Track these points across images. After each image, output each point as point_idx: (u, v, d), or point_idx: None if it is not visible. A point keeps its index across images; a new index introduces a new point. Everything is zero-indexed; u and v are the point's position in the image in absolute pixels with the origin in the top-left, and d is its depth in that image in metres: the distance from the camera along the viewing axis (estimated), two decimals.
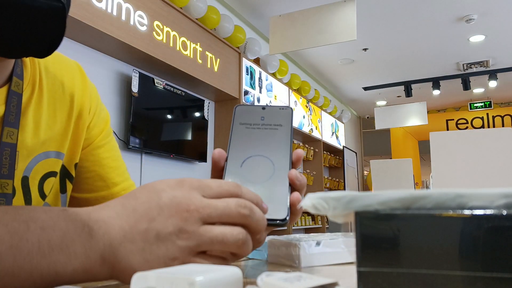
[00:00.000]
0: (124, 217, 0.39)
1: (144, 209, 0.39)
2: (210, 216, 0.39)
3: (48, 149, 0.63)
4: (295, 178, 0.47)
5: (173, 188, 0.40)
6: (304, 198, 0.31)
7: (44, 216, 0.38)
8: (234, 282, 0.30)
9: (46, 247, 0.36)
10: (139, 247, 0.38)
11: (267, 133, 0.52)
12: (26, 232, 0.36)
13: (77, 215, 0.39)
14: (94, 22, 2.62)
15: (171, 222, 0.38)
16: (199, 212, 0.39)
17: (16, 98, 0.58)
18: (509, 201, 0.25)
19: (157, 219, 0.39)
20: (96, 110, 0.72)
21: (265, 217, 0.43)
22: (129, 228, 0.39)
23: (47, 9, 0.47)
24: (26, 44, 0.49)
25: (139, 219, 0.39)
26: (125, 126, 3.16)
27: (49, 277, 0.36)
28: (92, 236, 0.38)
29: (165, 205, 0.39)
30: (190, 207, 0.39)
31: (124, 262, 0.38)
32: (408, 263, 0.26)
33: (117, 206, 0.40)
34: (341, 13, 4.02)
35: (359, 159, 8.77)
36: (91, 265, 0.38)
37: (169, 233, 0.38)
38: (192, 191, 0.40)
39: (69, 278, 0.38)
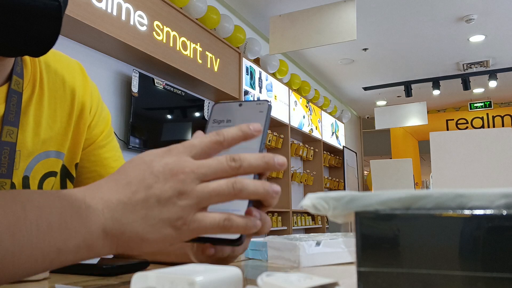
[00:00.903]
0: (120, 191, 0.40)
1: (138, 180, 0.40)
2: (205, 174, 0.40)
3: (48, 148, 0.63)
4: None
5: (162, 156, 0.41)
6: (304, 198, 0.31)
7: (40, 198, 0.38)
8: (234, 282, 0.30)
9: (45, 225, 0.36)
10: (141, 215, 0.39)
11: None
12: (23, 212, 0.36)
13: (72, 195, 0.39)
14: (94, 22, 2.62)
15: (169, 186, 0.39)
16: (194, 172, 0.40)
17: (16, 97, 0.58)
18: (509, 201, 0.25)
19: (154, 186, 0.39)
20: (97, 110, 0.72)
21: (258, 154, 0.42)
22: (127, 199, 0.39)
23: (43, 7, 0.47)
24: (22, 42, 0.49)
25: (135, 190, 0.39)
26: (125, 126, 3.16)
27: (51, 255, 0.36)
28: (91, 212, 0.38)
29: (159, 173, 0.40)
30: (185, 170, 0.40)
31: (128, 232, 0.38)
32: (408, 263, 0.26)
33: (110, 183, 0.41)
34: (341, 13, 4.02)
35: (359, 159, 8.77)
36: (94, 240, 0.38)
37: (169, 196, 0.39)
38: (181, 155, 0.41)
39: (72, 255, 0.37)
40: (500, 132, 1.89)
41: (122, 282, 0.47)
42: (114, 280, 0.49)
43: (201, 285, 0.27)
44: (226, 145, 0.42)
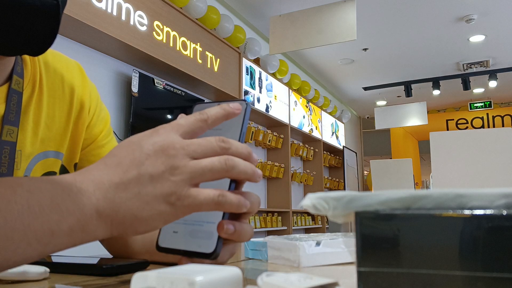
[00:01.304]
0: (110, 172, 0.40)
1: (129, 160, 0.40)
2: (196, 151, 0.40)
3: (47, 148, 0.63)
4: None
5: (150, 136, 0.41)
6: (304, 198, 0.31)
7: (29, 182, 0.37)
8: (234, 282, 0.30)
9: (37, 207, 0.35)
10: (134, 192, 0.39)
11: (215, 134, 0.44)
12: (14, 195, 0.35)
13: (62, 179, 0.39)
14: (94, 22, 2.62)
15: (161, 162, 0.39)
16: (184, 149, 0.40)
17: (16, 96, 0.58)
18: (509, 201, 0.25)
19: (145, 163, 0.39)
20: (96, 110, 0.72)
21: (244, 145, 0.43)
22: (119, 179, 0.39)
23: (41, 6, 0.47)
24: (20, 41, 0.49)
25: (127, 170, 0.39)
26: (125, 126, 3.16)
27: (44, 237, 0.36)
28: (82, 194, 0.38)
29: (150, 150, 0.40)
30: (175, 146, 0.40)
31: (122, 211, 0.38)
32: (408, 263, 0.26)
33: (100, 165, 0.41)
34: (341, 13, 4.02)
35: (359, 159, 8.77)
36: (87, 220, 0.37)
37: (162, 171, 0.39)
38: (169, 133, 0.41)
39: (66, 237, 0.37)
40: (500, 132, 1.89)
41: (122, 282, 0.47)
42: (114, 280, 0.49)
43: (201, 285, 0.27)
44: (210, 123, 0.43)
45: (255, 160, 0.44)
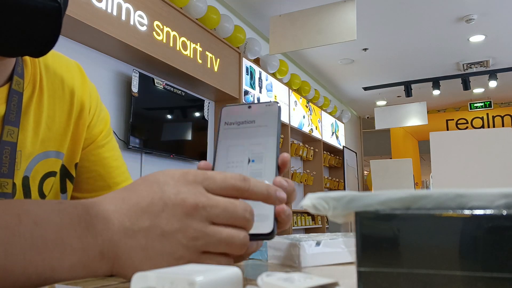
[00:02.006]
0: (124, 211, 0.38)
1: (146, 204, 0.37)
2: (218, 217, 0.37)
3: (48, 148, 0.63)
4: (280, 186, 0.44)
5: (177, 181, 0.38)
6: (304, 198, 0.31)
7: (38, 210, 0.36)
8: (234, 282, 0.30)
9: (40, 242, 0.35)
10: (141, 244, 0.37)
11: (252, 135, 0.48)
12: (18, 226, 0.34)
13: (73, 209, 0.38)
14: (94, 22, 2.62)
15: (176, 219, 0.37)
16: (206, 210, 0.37)
17: (16, 97, 0.58)
18: (509, 201, 0.25)
19: (161, 215, 0.37)
20: (96, 110, 0.72)
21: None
22: (130, 224, 0.37)
23: (43, 8, 0.46)
24: (21, 43, 0.49)
25: (141, 215, 0.37)
26: (125, 126, 3.16)
27: (45, 273, 0.35)
28: (89, 231, 0.37)
29: (170, 201, 0.37)
30: (197, 205, 0.37)
31: (124, 258, 0.37)
32: (408, 263, 0.26)
33: (117, 200, 0.39)
34: (341, 13, 4.02)
35: (359, 159, 8.77)
36: (90, 260, 0.37)
37: (174, 230, 0.36)
38: (197, 186, 0.38)
39: (66, 274, 0.36)
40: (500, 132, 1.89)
41: (122, 282, 0.47)
42: (114, 280, 0.49)
43: (201, 285, 0.27)
44: (246, 197, 0.40)
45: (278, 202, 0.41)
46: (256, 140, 0.49)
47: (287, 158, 0.47)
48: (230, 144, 0.49)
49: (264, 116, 0.50)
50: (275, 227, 0.44)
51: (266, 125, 0.49)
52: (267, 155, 0.47)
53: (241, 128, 0.50)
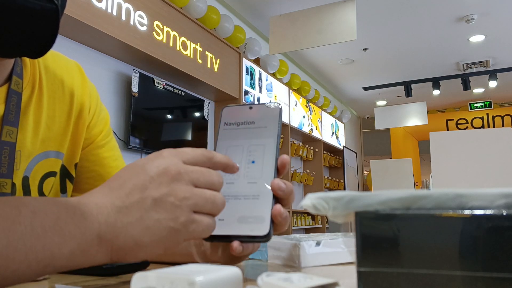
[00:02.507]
0: (114, 195, 0.39)
1: (132, 183, 0.40)
2: (198, 180, 0.41)
3: (48, 149, 0.63)
4: (278, 189, 0.45)
5: (155, 159, 0.41)
6: (304, 198, 0.31)
7: (35, 202, 0.37)
8: (234, 282, 0.30)
9: (40, 229, 0.35)
10: (137, 216, 0.38)
11: (252, 136, 0.49)
12: (18, 216, 0.35)
13: (67, 201, 0.39)
14: (94, 22, 2.62)
15: (165, 185, 0.39)
16: (188, 175, 0.40)
17: (15, 97, 0.58)
18: (509, 201, 0.25)
19: (149, 186, 0.39)
20: (96, 110, 0.72)
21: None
22: (121, 202, 0.39)
23: (40, 9, 0.46)
24: (19, 44, 0.49)
25: (130, 192, 0.39)
26: (125, 126, 3.16)
27: (44, 260, 0.36)
28: (85, 217, 0.38)
29: (154, 174, 0.40)
30: (180, 170, 0.40)
31: (123, 236, 0.38)
32: (408, 263, 0.26)
33: (104, 188, 0.41)
34: (341, 13, 4.02)
35: (359, 159, 8.77)
36: (88, 245, 0.37)
37: (165, 194, 0.39)
38: (173, 158, 0.41)
39: (66, 260, 0.37)
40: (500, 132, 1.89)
41: (122, 282, 0.47)
42: (114, 280, 0.49)
43: (201, 285, 0.27)
44: (212, 163, 0.43)
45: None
46: (256, 141, 0.49)
47: (286, 160, 0.48)
48: (229, 144, 0.49)
49: (264, 117, 0.50)
50: (271, 229, 0.44)
51: (266, 127, 0.49)
52: (266, 156, 0.48)
53: (241, 129, 0.50)
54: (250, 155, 0.48)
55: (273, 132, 0.49)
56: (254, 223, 0.44)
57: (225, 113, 0.52)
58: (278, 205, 0.45)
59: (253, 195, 0.46)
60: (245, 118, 0.50)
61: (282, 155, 0.48)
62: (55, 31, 0.49)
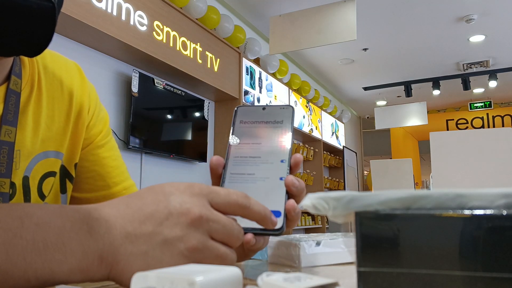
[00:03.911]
0: (127, 217, 0.38)
1: (150, 211, 0.38)
2: (217, 232, 0.39)
3: (47, 148, 0.63)
4: (291, 185, 0.46)
5: (183, 192, 0.39)
6: (304, 198, 0.31)
7: (40, 213, 0.36)
8: (234, 282, 0.30)
9: (41, 244, 0.35)
10: (142, 250, 0.37)
11: (267, 135, 0.50)
12: (20, 228, 0.34)
13: (75, 212, 0.38)
14: (94, 22, 2.62)
15: (180, 228, 0.37)
16: (209, 224, 0.38)
17: (14, 96, 0.58)
18: (509, 201, 0.25)
19: (164, 223, 0.37)
20: (95, 110, 0.72)
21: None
22: (132, 229, 0.37)
23: (37, 8, 0.46)
24: (15, 42, 0.48)
25: (144, 221, 0.38)
26: (125, 126, 3.16)
27: (44, 276, 0.35)
28: (91, 235, 0.37)
29: (175, 209, 0.38)
30: (202, 216, 0.38)
31: (123, 263, 0.37)
32: (408, 263, 0.26)
33: (121, 205, 0.39)
34: (341, 13, 4.02)
35: (359, 159, 8.77)
36: (89, 264, 0.37)
37: (176, 239, 0.37)
38: (202, 198, 0.39)
39: (65, 278, 0.36)
40: (500, 132, 1.89)
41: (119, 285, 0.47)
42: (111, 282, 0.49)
43: (201, 285, 0.27)
44: (246, 215, 0.41)
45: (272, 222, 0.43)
46: (270, 140, 0.50)
47: (299, 159, 0.49)
48: (244, 141, 0.50)
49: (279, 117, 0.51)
50: (285, 223, 0.45)
51: (281, 127, 0.51)
52: (280, 154, 0.49)
53: (256, 128, 0.51)
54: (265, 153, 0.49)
55: (287, 131, 0.50)
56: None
57: (239, 112, 0.53)
58: (292, 200, 0.45)
59: (268, 190, 0.47)
60: (260, 117, 0.52)
61: (296, 154, 0.49)
62: (52, 29, 0.49)
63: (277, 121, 0.51)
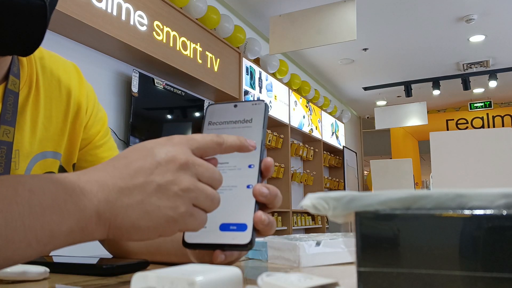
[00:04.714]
0: (117, 174, 0.39)
1: (138, 165, 0.39)
2: (203, 175, 0.41)
3: (45, 149, 0.63)
4: (259, 194, 0.44)
5: (164, 144, 0.41)
6: (304, 198, 0.31)
7: (32, 180, 0.37)
8: (234, 282, 0.30)
9: (38, 208, 0.35)
10: (137, 199, 0.38)
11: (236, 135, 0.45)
12: (15, 195, 0.35)
13: (65, 178, 0.38)
14: (94, 22, 2.62)
15: (171, 173, 0.39)
16: (195, 167, 0.40)
17: (12, 96, 0.58)
18: (509, 201, 0.25)
19: (154, 172, 0.39)
20: (93, 111, 0.72)
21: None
22: (124, 184, 0.38)
23: (28, 7, 0.46)
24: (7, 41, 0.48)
25: (134, 175, 0.39)
26: (125, 126, 3.16)
27: (44, 238, 0.35)
28: (85, 195, 0.37)
29: (161, 159, 0.39)
30: (188, 161, 0.40)
31: (121, 216, 0.38)
32: (408, 263, 0.26)
33: (107, 167, 0.40)
34: (341, 13, 4.02)
35: (359, 159, 8.77)
36: (86, 222, 0.37)
37: (170, 182, 0.39)
38: (183, 146, 0.41)
39: (65, 238, 0.37)
40: (500, 132, 1.89)
41: (122, 282, 0.47)
42: (114, 280, 0.49)
43: (201, 285, 0.27)
44: (223, 149, 0.43)
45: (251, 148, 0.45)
46: None
47: (270, 163, 0.46)
48: None
49: (249, 116, 0.47)
50: (254, 237, 0.43)
51: (251, 126, 0.47)
52: (250, 159, 0.45)
53: (225, 129, 0.48)
54: (233, 157, 0.45)
55: (258, 132, 0.46)
56: (236, 231, 0.43)
57: (209, 111, 0.50)
58: (259, 212, 0.43)
59: (235, 201, 0.44)
60: (230, 117, 0.48)
61: (266, 158, 0.46)
62: (44, 28, 0.49)
63: (247, 120, 0.47)
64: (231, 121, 0.48)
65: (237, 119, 0.48)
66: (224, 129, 0.48)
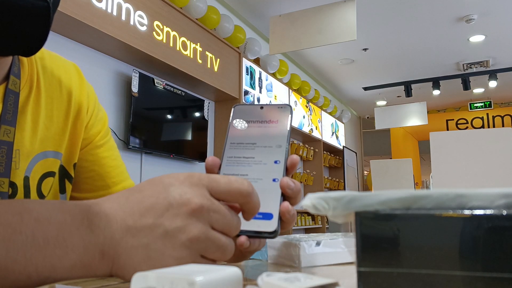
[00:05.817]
0: (127, 210, 0.38)
1: (150, 203, 0.38)
2: (218, 222, 0.38)
3: (46, 149, 0.63)
4: (286, 187, 0.45)
5: (182, 183, 0.38)
6: (304, 198, 0.31)
7: (39, 208, 0.36)
8: (234, 282, 0.30)
9: (41, 240, 0.34)
10: (143, 242, 0.37)
11: (261, 135, 0.49)
12: (20, 224, 0.34)
13: (75, 207, 0.37)
14: (94, 22, 2.62)
15: (180, 219, 0.37)
16: (209, 214, 0.38)
17: (13, 96, 0.58)
18: (509, 201, 0.25)
19: (165, 214, 0.37)
20: (94, 110, 0.72)
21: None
22: (132, 222, 0.37)
23: (32, 7, 0.46)
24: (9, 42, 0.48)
25: (144, 214, 0.37)
26: (125, 126, 3.16)
27: (45, 271, 0.35)
28: (91, 229, 0.36)
29: (175, 200, 0.37)
30: (203, 206, 0.37)
31: (124, 257, 0.37)
32: (408, 263, 0.26)
33: (121, 199, 0.39)
34: (341, 13, 4.02)
35: (359, 159, 8.77)
36: (90, 259, 0.36)
37: (177, 230, 0.37)
38: (202, 188, 0.38)
39: (66, 273, 0.36)
40: (500, 132, 1.89)
41: (122, 282, 0.47)
42: (114, 280, 0.49)
43: (201, 285, 0.27)
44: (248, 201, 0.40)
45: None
46: (266, 140, 0.49)
47: (296, 160, 0.48)
48: (239, 141, 0.50)
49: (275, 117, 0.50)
50: (279, 226, 0.44)
51: (277, 127, 0.50)
52: (276, 155, 0.48)
53: (252, 127, 0.50)
54: (260, 153, 0.48)
55: (284, 132, 0.49)
56: (262, 219, 0.44)
57: (236, 111, 0.52)
58: (286, 202, 0.45)
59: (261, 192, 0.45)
60: (257, 117, 0.51)
61: (292, 155, 0.48)
62: (47, 29, 0.49)
63: (273, 121, 0.50)
64: (257, 121, 0.51)
65: (263, 119, 0.50)
66: (251, 127, 0.50)
